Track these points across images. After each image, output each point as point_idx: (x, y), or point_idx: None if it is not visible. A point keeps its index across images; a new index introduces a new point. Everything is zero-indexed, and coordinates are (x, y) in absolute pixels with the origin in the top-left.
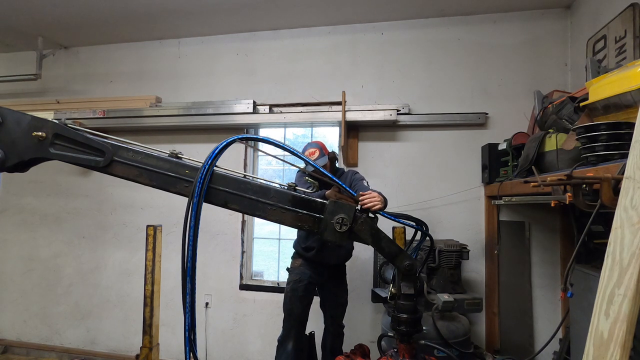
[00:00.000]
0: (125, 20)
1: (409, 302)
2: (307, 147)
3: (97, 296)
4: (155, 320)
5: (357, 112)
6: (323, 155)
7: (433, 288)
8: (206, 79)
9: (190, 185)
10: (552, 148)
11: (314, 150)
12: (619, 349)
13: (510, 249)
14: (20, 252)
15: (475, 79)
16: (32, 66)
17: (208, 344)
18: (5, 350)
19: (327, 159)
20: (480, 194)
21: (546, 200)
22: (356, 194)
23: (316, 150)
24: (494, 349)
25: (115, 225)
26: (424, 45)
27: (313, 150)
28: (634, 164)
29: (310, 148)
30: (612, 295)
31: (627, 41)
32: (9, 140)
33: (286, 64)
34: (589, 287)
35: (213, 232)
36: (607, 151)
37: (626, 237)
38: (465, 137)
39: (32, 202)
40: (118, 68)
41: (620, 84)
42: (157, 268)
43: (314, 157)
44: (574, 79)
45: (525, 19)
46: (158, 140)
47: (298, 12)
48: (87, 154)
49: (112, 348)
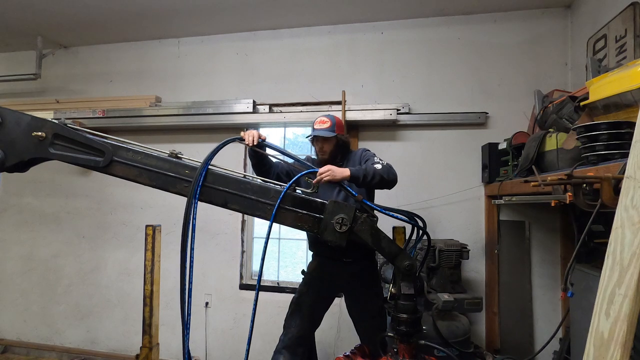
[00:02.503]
0: (125, 20)
1: (409, 302)
2: (319, 116)
3: (97, 296)
4: (155, 320)
5: (357, 112)
6: (332, 131)
7: (433, 288)
8: (206, 78)
9: (189, 185)
10: (553, 147)
11: (326, 120)
12: (620, 348)
13: (511, 249)
14: (20, 252)
15: (476, 78)
16: (32, 66)
17: (208, 344)
18: (5, 350)
19: (335, 138)
20: (480, 194)
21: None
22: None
23: (328, 121)
24: (494, 348)
25: (114, 225)
26: (424, 44)
27: (325, 120)
28: (635, 163)
29: (322, 117)
30: (613, 295)
31: (628, 40)
32: (8, 140)
33: (286, 64)
34: (589, 287)
35: (213, 232)
36: (608, 150)
37: (627, 236)
38: (465, 136)
39: (32, 202)
40: (118, 67)
41: (621, 83)
42: (156, 268)
43: (324, 126)
44: (574, 78)
45: (525, 18)
46: (158, 140)
47: (298, 11)
48: (87, 154)
49: (112, 348)
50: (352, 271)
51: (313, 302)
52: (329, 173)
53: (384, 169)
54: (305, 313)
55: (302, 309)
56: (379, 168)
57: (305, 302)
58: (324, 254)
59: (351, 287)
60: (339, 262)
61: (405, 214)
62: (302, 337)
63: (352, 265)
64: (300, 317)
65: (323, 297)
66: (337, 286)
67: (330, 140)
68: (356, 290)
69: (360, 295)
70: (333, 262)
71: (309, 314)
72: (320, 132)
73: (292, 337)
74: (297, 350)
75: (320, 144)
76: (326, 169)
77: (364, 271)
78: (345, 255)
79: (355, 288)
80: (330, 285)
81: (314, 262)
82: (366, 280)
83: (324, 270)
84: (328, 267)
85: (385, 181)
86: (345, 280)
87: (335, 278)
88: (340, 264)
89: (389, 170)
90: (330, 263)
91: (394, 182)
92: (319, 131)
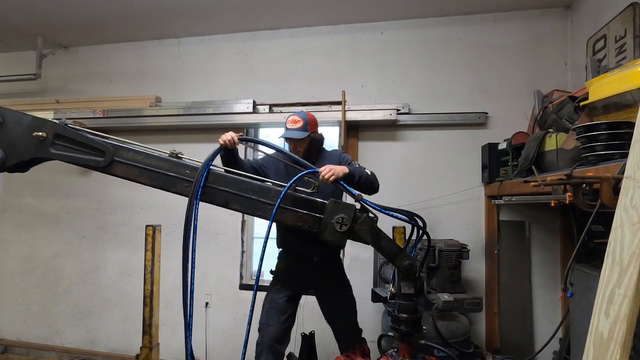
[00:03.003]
0: (125, 20)
1: (409, 301)
2: (291, 115)
3: (97, 296)
4: (155, 320)
5: (357, 112)
6: (305, 130)
7: (433, 288)
8: (206, 78)
9: (190, 185)
10: (552, 148)
11: (298, 119)
12: (619, 348)
13: (510, 249)
14: (20, 252)
15: (476, 78)
16: (32, 66)
17: (208, 344)
18: (5, 350)
19: (308, 137)
20: (480, 194)
21: (546, 199)
22: None
23: (300, 120)
24: (494, 348)
25: (114, 225)
26: (424, 44)
27: (297, 119)
28: (634, 163)
29: (294, 116)
30: (612, 295)
31: (627, 41)
32: (9, 140)
33: (286, 64)
34: (589, 287)
35: (213, 232)
36: (607, 151)
37: (626, 236)
38: (465, 136)
39: (32, 202)
40: (118, 68)
41: (620, 84)
42: (156, 268)
43: (296, 126)
44: (574, 78)
45: (525, 19)
46: (158, 140)
47: (298, 11)
48: (88, 154)
49: (112, 348)
50: (322, 270)
51: (288, 299)
52: (333, 172)
53: (372, 175)
54: (282, 311)
55: (277, 308)
56: (369, 173)
57: (280, 300)
58: (294, 251)
59: (322, 285)
60: (308, 263)
61: (405, 213)
62: (282, 336)
63: (321, 265)
64: (277, 315)
65: (295, 295)
66: (308, 284)
67: (304, 139)
68: (327, 287)
69: (332, 291)
70: (303, 263)
71: (285, 312)
72: (292, 134)
73: (271, 337)
74: (278, 349)
75: (293, 144)
76: (328, 168)
77: (333, 268)
78: (316, 255)
79: (326, 285)
80: (300, 283)
81: (284, 262)
82: (335, 276)
83: (293, 269)
84: (298, 267)
85: (372, 187)
86: (316, 279)
87: (305, 277)
88: (310, 264)
89: (375, 178)
90: (300, 264)
91: (377, 190)
92: (291, 132)
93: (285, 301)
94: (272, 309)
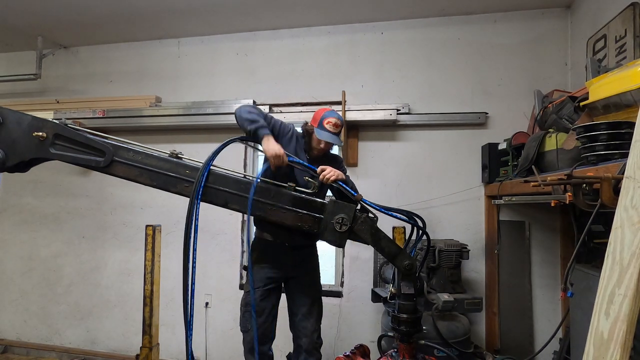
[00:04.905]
0: (125, 20)
1: (409, 302)
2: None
3: (97, 296)
4: (155, 320)
5: (357, 112)
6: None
7: (433, 288)
8: (206, 78)
9: (190, 186)
10: (552, 148)
11: (340, 124)
12: (619, 348)
13: (511, 249)
14: (20, 252)
15: (475, 78)
16: (32, 66)
17: (208, 344)
18: (5, 350)
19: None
20: (480, 194)
21: (546, 200)
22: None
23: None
24: (494, 348)
25: (115, 225)
26: (424, 44)
27: (339, 123)
28: (634, 163)
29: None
30: (612, 294)
31: (627, 41)
32: (9, 140)
33: (286, 64)
34: (589, 287)
35: (213, 232)
36: (607, 151)
37: (626, 236)
38: (465, 136)
39: (32, 202)
40: (118, 68)
41: (620, 84)
42: (156, 268)
43: (337, 131)
44: (574, 78)
45: (525, 19)
46: (158, 140)
47: (298, 11)
48: (88, 154)
49: (112, 348)
50: (299, 257)
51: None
52: (334, 172)
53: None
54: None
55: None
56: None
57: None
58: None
59: (296, 273)
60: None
61: (405, 213)
62: (262, 337)
63: (299, 251)
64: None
65: (272, 289)
66: (284, 272)
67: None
68: (300, 275)
69: (304, 279)
70: (280, 248)
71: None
72: (336, 140)
73: (250, 340)
74: (261, 350)
75: (326, 146)
76: (330, 168)
77: (310, 256)
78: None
79: (299, 273)
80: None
81: (257, 251)
82: (310, 266)
83: (269, 257)
84: (274, 253)
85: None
86: (291, 266)
87: (281, 265)
88: (287, 249)
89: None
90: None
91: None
92: (335, 138)
93: (260, 301)
94: (247, 312)
